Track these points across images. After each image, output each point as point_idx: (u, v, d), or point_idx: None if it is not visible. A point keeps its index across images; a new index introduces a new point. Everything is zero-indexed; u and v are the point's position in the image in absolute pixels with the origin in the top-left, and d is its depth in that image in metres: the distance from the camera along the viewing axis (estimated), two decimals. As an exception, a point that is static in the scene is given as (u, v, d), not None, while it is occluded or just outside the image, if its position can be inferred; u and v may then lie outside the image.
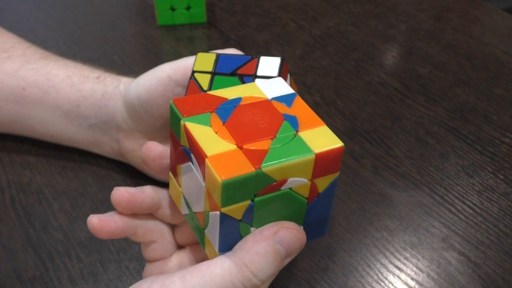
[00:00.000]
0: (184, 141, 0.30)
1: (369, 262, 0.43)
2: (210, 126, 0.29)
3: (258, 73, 0.39)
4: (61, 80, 0.47)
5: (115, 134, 0.46)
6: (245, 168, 0.27)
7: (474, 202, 0.47)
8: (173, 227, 0.36)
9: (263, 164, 0.27)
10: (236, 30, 0.68)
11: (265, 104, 0.31)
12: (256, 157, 0.27)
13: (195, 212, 0.30)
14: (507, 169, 0.50)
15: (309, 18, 0.70)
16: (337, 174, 0.30)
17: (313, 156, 0.28)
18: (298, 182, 0.28)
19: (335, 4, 0.73)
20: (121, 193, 0.33)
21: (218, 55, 0.40)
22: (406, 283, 0.41)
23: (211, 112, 0.30)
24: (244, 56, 0.39)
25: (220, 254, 0.29)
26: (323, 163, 0.29)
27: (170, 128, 0.32)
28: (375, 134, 0.53)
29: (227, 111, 0.30)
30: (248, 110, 0.30)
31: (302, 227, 0.31)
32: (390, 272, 0.42)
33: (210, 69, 0.39)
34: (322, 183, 0.30)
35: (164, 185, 0.36)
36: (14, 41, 0.52)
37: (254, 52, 0.64)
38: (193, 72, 0.39)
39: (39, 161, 0.50)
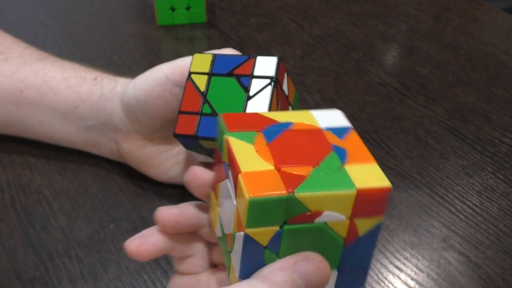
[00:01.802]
0: (225, 157, 0.28)
1: (369, 262, 0.43)
2: (253, 144, 0.27)
3: (255, 73, 0.38)
4: (58, 82, 0.47)
5: (113, 135, 0.46)
6: (277, 189, 0.24)
7: (474, 202, 0.47)
8: (211, 244, 0.34)
9: (297, 189, 0.25)
10: (236, 30, 0.68)
11: (315, 133, 0.29)
12: (293, 181, 0.25)
13: (226, 234, 0.28)
14: (507, 169, 0.50)
15: (309, 18, 0.70)
16: (381, 218, 0.26)
17: (355, 191, 0.25)
18: (335, 218, 0.26)
19: (335, 4, 0.73)
20: (167, 215, 0.31)
21: (214, 56, 0.39)
22: (406, 283, 0.41)
23: (258, 132, 0.28)
24: (241, 57, 0.39)
25: (240, 281, 0.27)
26: (365, 201, 0.26)
27: (216, 144, 0.30)
28: (375, 134, 0.53)
29: (274, 133, 0.28)
30: (296, 136, 0.28)
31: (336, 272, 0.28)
32: (390, 272, 0.42)
33: (206, 70, 0.39)
34: (363, 225, 0.26)
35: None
36: (11, 42, 0.52)
37: (254, 52, 0.64)
38: (190, 73, 0.39)
39: (39, 161, 0.50)
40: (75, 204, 0.47)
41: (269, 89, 0.38)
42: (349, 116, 0.55)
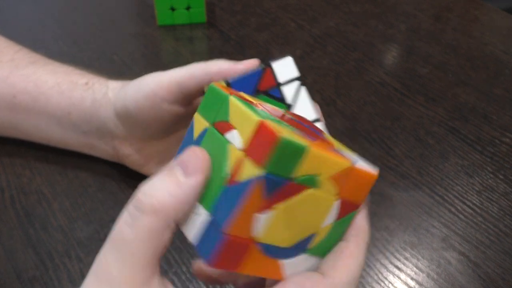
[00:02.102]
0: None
1: (369, 262, 0.43)
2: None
3: (280, 80, 0.36)
4: (50, 87, 0.47)
5: (110, 140, 0.46)
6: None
7: (474, 202, 0.47)
8: None
9: (233, 96, 0.26)
10: (236, 30, 0.68)
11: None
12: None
13: None
14: (507, 169, 0.50)
15: (309, 18, 0.70)
16: (261, 171, 0.23)
17: (258, 122, 0.24)
18: (234, 142, 0.25)
19: (335, 4, 0.73)
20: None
21: (228, 83, 0.36)
22: (406, 283, 0.41)
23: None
24: (254, 71, 0.36)
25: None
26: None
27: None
28: (375, 134, 0.53)
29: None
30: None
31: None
32: (390, 272, 0.42)
33: None
34: (246, 171, 0.24)
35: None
36: (3, 45, 0.51)
37: (254, 52, 0.64)
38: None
39: (39, 161, 0.50)
40: (75, 204, 0.47)
41: (303, 90, 0.37)
42: (349, 116, 0.55)
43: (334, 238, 0.28)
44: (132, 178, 0.49)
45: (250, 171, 0.24)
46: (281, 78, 0.36)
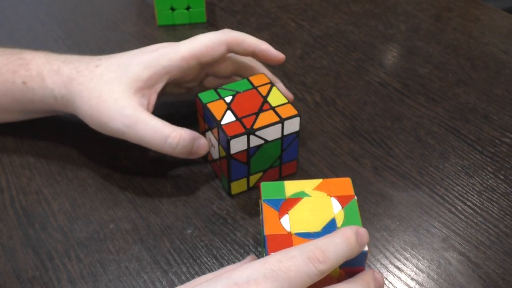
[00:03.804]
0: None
1: (369, 262, 0.42)
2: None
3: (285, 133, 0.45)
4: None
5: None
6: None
7: (474, 202, 0.47)
8: None
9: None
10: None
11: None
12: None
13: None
14: (507, 169, 0.50)
15: (309, 18, 0.70)
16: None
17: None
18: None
19: (335, 4, 0.73)
20: None
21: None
22: (406, 284, 0.41)
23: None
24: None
25: None
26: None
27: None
28: (375, 134, 0.53)
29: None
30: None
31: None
32: (390, 272, 0.42)
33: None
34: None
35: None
36: None
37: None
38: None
39: (39, 161, 0.50)
40: (75, 204, 0.47)
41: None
42: (349, 116, 0.55)
43: (353, 218, 0.37)
44: (133, 178, 0.49)
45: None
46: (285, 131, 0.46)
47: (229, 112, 0.44)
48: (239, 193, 0.47)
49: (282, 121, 0.44)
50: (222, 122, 0.43)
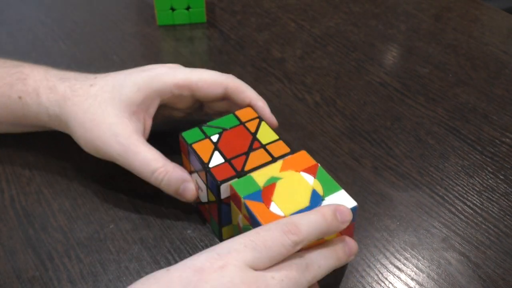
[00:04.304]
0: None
1: (369, 262, 0.42)
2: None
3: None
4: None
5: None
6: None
7: (474, 202, 0.47)
8: None
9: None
10: (236, 30, 0.68)
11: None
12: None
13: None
14: (507, 169, 0.50)
15: (309, 18, 0.70)
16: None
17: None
18: None
19: (335, 4, 0.73)
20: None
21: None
22: (406, 284, 0.41)
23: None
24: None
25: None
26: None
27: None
28: (375, 134, 0.53)
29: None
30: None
31: None
32: (390, 272, 0.42)
33: None
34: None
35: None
36: None
37: (254, 52, 0.64)
38: None
39: (39, 161, 0.50)
40: (75, 204, 0.47)
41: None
42: (349, 116, 0.55)
43: (329, 183, 0.39)
44: (132, 178, 0.49)
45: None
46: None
47: (216, 153, 0.41)
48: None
49: (274, 160, 0.41)
50: (210, 165, 0.40)
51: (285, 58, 0.63)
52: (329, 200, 0.38)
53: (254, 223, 0.37)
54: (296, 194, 0.38)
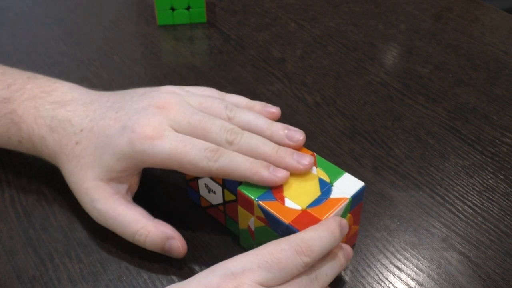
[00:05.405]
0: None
1: (369, 262, 0.42)
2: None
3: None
4: None
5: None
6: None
7: (475, 202, 0.47)
8: None
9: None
10: (236, 30, 0.68)
11: None
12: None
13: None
14: (507, 169, 0.50)
15: (309, 18, 0.70)
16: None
17: None
18: None
19: (335, 4, 0.73)
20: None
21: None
22: (406, 284, 0.41)
23: None
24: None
25: None
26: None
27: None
28: (375, 134, 0.53)
29: None
30: None
31: None
32: (391, 272, 0.42)
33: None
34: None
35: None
36: None
37: (254, 52, 0.64)
38: None
39: (39, 161, 0.50)
40: (75, 204, 0.47)
41: None
42: (349, 116, 0.55)
43: (332, 169, 0.41)
44: (132, 178, 0.49)
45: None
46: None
47: None
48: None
49: None
50: None
51: (285, 58, 0.63)
52: (337, 184, 0.39)
53: (273, 223, 0.38)
54: (305, 186, 0.39)
